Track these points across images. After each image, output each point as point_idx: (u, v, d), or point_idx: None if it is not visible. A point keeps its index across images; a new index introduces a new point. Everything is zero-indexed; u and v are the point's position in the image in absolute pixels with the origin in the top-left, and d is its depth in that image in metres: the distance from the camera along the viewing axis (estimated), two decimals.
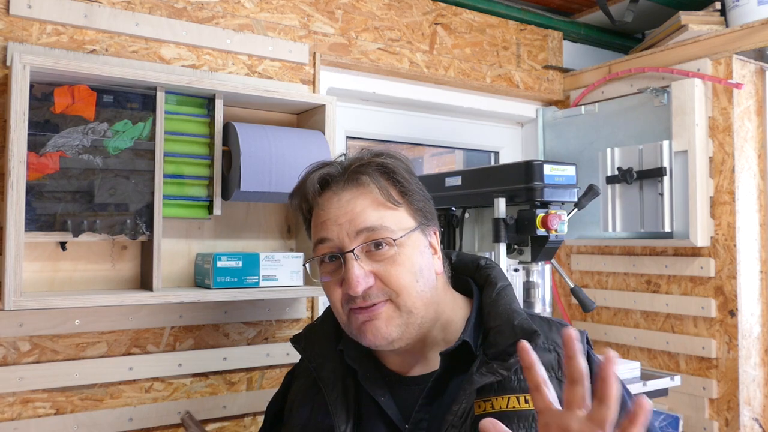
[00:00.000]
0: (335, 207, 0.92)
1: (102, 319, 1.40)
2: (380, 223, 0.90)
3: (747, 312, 1.81)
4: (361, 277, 0.88)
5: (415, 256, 0.91)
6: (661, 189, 1.85)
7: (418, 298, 0.91)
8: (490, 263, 1.04)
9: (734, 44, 1.79)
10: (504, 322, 0.92)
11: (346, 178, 0.93)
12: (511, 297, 0.96)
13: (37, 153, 1.28)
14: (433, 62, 1.95)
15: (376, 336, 0.90)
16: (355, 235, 0.89)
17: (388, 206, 0.92)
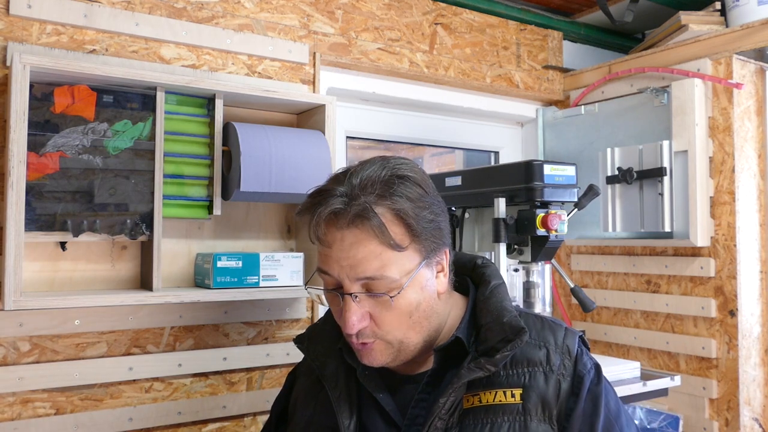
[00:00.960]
0: (337, 248, 0.89)
1: (102, 319, 1.40)
2: (381, 273, 0.88)
3: (747, 312, 1.81)
4: (356, 320, 0.90)
5: (414, 295, 0.91)
6: (661, 189, 1.85)
7: (410, 330, 0.92)
8: (486, 262, 1.05)
9: (734, 44, 1.79)
10: (494, 319, 0.94)
11: (350, 219, 0.88)
12: (502, 295, 0.98)
13: (37, 153, 1.28)
14: (433, 62, 1.95)
15: (372, 362, 0.93)
16: (355, 280, 0.89)
17: (391, 253, 0.89)
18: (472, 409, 0.91)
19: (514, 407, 0.90)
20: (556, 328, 0.98)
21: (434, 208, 0.93)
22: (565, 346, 0.95)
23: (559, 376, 0.92)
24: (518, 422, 0.90)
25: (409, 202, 0.90)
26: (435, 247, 0.94)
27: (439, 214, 0.95)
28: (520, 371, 0.93)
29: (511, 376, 0.93)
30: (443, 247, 0.96)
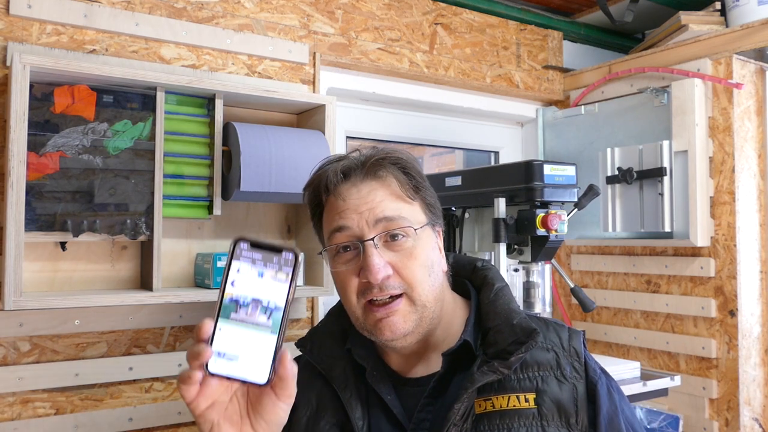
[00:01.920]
0: (355, 197, 0.93)
1: (102, 319, 1.40)
2: (398, 214, 0.92)
3: (747, 312, 1.81)
4: (381, 265, 0.89)
5: (428, 251, 0.94)
6: (661, 189, 1.85)
7: (431, 292, 0.92)
8: (487, 265, 1.05)
9: (734, 44, 1.79)
10: (503, 321, 0.93)
11: (365, 171, 0.94)
12: (509, 297, 0.98)
13: (37, 153, 1.28)
14: (433, 62, 1.95)
15: (394, 332, 0.91)
16: (374, 224, 0.91)
17: (405, 200, 0.94)
18: (485, 414, 0.90)
19: (529, 412, 0.89)
20: (560, 330, 0.97)
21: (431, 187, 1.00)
22: (572, 348, 0.95)
23: (572, 380, 0.92)
24: (535, 427, 0.88)
25: (413, 168, 0.97)
26: (435, 218, 0.98)
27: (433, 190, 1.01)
28: (531, 375, 0.92)
29: (523, 380, 0.91)
30: (440, 222, 1.00)
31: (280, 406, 0.71)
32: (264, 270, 0.67)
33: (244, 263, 0.67)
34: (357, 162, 0.96)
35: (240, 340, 0.67)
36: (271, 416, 0.71)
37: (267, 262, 0.67)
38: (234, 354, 0.66)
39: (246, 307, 0.67)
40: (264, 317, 0.67)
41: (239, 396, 0.72)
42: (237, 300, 0.67)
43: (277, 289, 0.67)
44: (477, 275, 1.04)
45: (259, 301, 0.67)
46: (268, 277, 0.67)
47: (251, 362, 0.67)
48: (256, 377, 0.67)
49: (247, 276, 0.67)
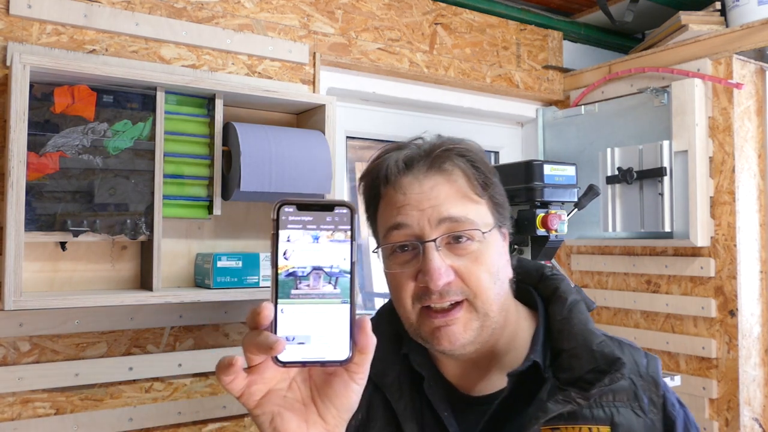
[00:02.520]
0: (417, 192, 0.83)
1: (102, 319, 1.40)
2: (464, 215, 0.82)
3: (747, 312, 1.81)
4: (442, 269, 0.80)
5: (494, 256, 0.84)
6: (661, 189, 1.85)
7: (495, 300, 0.83)
8: (557, 274, 0.94)
9: (734, 44, 1.79)
10: (580, 344, 0.83)
11: (429, 163, 0.85)
12: (585, 316, 0.87)
13: (37, 153, 1.28)
14: (433, 62, 1.95)
15: (453, 342, 0.82)
16: (437, 224, 0.82)
17: (472, 198, 0.84)
18: None
19: None
20: (636, 354, 0.87)
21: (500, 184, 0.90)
22: (650, 377, 0.85)
23: (650, 414, 0.82)
24: None
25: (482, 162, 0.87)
26: (502, 219, 0.88)
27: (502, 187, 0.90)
28: (605, 404, 0.82)
29: (596, 410, 0.81)
30: (507, 224, 0.90)
31: (353, 388, 0.61)
32: (318, 232, 0.59)
33: (293, 230, 0.58)
34: (421, 152, 0.86)
35: (307, 318, 0.58)
36: (343, 401, 0.61)
37: (320, 223, 0.59)
38: (304, 335, 0.58)
39: (306, 279, 0.58)
40: (330, 286, 0.58)
41: (299, 381, 0.62)
42: (294, 273, 0.58)
43: (338, 251, 0.59)
44: (545, 285, 0.93)
45: (320, 269, 0.58)
46: (324, 240, 0.59)
47: (325, 340, 0.58)
48: (334, 355, 0.58)
49: (301, 243, 0.58)
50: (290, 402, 0.61)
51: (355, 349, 0.58)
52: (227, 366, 0.57)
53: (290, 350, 0.57)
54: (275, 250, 0.58)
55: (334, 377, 0.61)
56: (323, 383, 0.62)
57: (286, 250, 0.58)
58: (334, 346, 0.58)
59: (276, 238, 0.58)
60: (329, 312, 0.58)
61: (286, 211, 0.58)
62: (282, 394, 0.61)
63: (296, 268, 0.58)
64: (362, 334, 0.58)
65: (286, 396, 0.61)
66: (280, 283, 0.58)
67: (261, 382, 0.59)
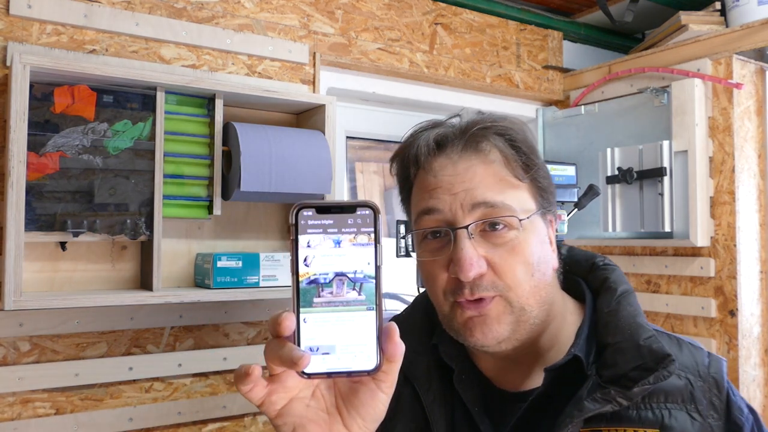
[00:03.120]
0: (450, 174, 0.77)
1: (102, 319, 1.40)
2: (501, 200, 0.75)
3: (747, 312, 1.81)
4: (474, 259, 0.73)
5: (534, 245, 0.77)
6: (661, 189, 1.85)
7: (532, 294, 0.76)
8: (609, 264, 0.86)
9: (734, 44, 1.79)
10: (626, 338, 0.75)
11: (464, 143, 0.78)
12: (635, 307, 0.79)
13: (37, 153, 1.28)
14: (433, 62, 1.95)
15: (486, 335, 0.75)
16: (470, 209, 0.75)
17: (511, 181, 0.77)
18: None
19: None
20: (696, 353, 0.79)
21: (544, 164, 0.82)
22: (711, 378, 0.76)
23: (709, 419, 0.74)
24: None
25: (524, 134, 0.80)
26: (546, 204, 0.80)
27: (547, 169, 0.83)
28: (655, 405, 0.74)
29: (644, 411, 0.73)
30: (552, 210, 0.82)
31: (381, 398, 0.58)
32: (340, 236, 0.56)
33: (313, 234, 0.56)
34: (455, 130, 0.80)
35: (332, 327, 0.55)
36: (369, 410, 0.58)
37: (341, 226, 0.56)
38: (329, 345, 0.55)
39: (329, 285, 0.56)
40: (354, 293, 0.56)
41: (323, 389, 0.59)
42: (316, 280, 0.56)
43: (362, 254, 0.56)
44: (595, 276, 0.85)
45: (343, 275, 0.56)
46: (347, 244, 0.56)
47: (351, 350, 0.56)
48: (361, 365, 0.55)
49: (322, 248, 0.56)
50: (313, 411, 0.58)
51: (383, 358, 0.55)
52: (245, 375, 0.54)
53: (315, 361, 0.55)
54: (295, 257, 0.55)
55: (360, 386, 0.58)
56: (349, 392, 0.59)
57: (306, 256, 0.56)
58: (361, 356, 0.56)
59: (296, 244, 0.55)
60: (354, 320, 0.56)
61: (305, 215, 0.56)
62: (305, 402, 0.58)
63: (318, 275, 0.56)
64: (390, 342, 0.55)
65: (309, 405, 0.58)
66: (301, 292, 0.55)
67: (282, 391, 0.57)
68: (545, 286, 0.78)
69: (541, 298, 0.77)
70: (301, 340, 0.55)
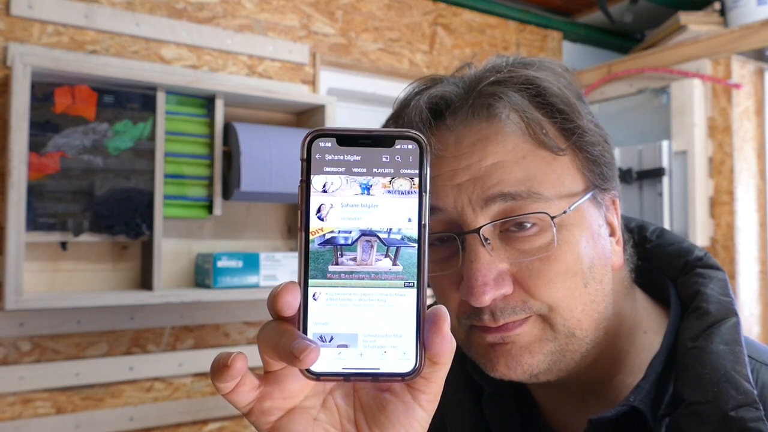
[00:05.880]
0: (452, 155, 0.55)
1: (102, 318, 1.41)
2: (527, 188, 0.53)
3: (746, 312, 1.81)
4: (490, 277, 0.52)
5: (583, 245, 0.54)
6: (661, 189, 1.85)
7: (586, 313, 0.55)
8: (709, 265, 0.60)
9: (733, 44, 1.79)
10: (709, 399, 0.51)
11: (470, 107, 0.56)
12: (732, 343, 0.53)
13: (38, 153, 1.28)
14: (433, 62, 1.96)
15: (512, 369, 0.55)
16: (483, 204, 0.53)
17: (541, 157, 0.54)
18: None
19: None
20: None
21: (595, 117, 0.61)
22: None
23: None
24: None
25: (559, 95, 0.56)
26: (603, 179, 0.58)
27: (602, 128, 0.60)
28: None
29: None
30: (612, 185, 0.59)
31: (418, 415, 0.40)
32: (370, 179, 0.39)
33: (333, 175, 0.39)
34: (458, 89, 0.58)
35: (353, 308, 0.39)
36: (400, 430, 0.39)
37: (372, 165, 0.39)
38: (348, 334, 0.38)
39: (352, 249, 0.39)
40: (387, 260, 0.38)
41: (338, 398, 0.42)
42: (334, 240, 0.38)
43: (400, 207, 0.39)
44: (687, 282, 0.60)
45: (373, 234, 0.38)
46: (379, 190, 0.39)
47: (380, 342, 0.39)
48: (393, 366, 0.38)
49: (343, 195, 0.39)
50: (323, 428, 0.40)
51: (425, 357, 0.38)
52: (222, 368, 0.37)
53: (327, 356, 0.38)
54: (305, 206, 0.38)
55: (391, 396, 0.40)
56: (374, 404, 0.41)
57: (321, 205, 0.38)
58: (393, 352, 0.38)
59: (306, 188, 0.38)
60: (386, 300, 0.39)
61: (322, 147, 0.39)
62: (311, 415, 0.41)
63: (337, 233, 0.38)
64: (436, 333, 0.37)
65: (317, 419, 0.41)
66: (311, 256, 0.38)
67: (280, 397, 0.39)
68: (603, 297, 0.56)
69: (599, 315, 0.56)
70: (308, 325, 0.38)
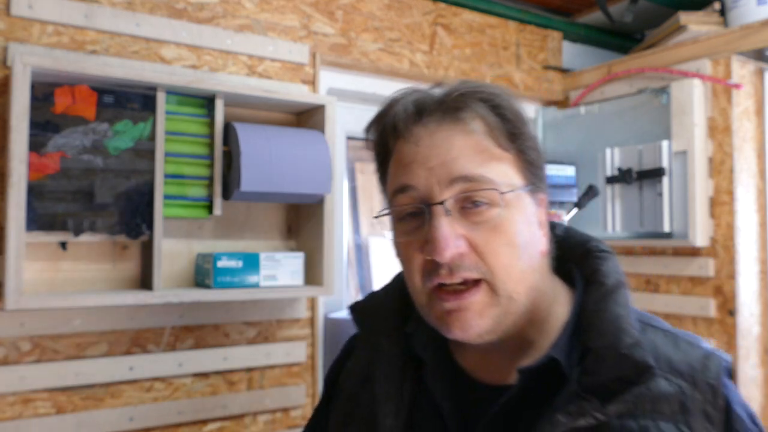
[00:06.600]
0: (426, 146, 0.70)
1: (103, 318, 1.41)
2: (482, 173, 0.69)
3: (746, 312, 1.81)
4: (450, 238, 0.67)
5: (521, 225, 0.70)
6: (661, 189, 1.85)
7: (521, 280, 0.70)
8: (604, 250, 0.78)
9: (733, 44, 1.79)
10: (608, 344, 0.67)
11: (443, 111, 0.72)
12: (622, 307, 0.73)
13: (38, 153, 1.28)
14: (433, 62, 1.96)
15: (466, 330, 0.69)
16: (448, 184, 0.69)
17: (494, 153, 0.70)
18: None
19: None
20: (692, 353, 0.70)
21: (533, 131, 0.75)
22: (707, 384, 0.67)
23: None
24: None
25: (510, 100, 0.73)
26: (535, 180, 0.73)
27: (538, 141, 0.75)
28: (640, 416, 0.65)
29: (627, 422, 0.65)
30: (543, 188, 0.75)
31: None
32: None
33: None
34: (432, 98, 0.73)
35: None
36: None
37: None
38: None
39: None
40: None
41: None
42: None
43: None
44: (587, 264, 0.77)
45: None
46: None
47: None
48: None
49: None
50: None
51: None
52: None
53: None
54: None
55: None
56: None
57: None
58: None
59: None
60: None
61: None
62: None
63: None
64: None
65: None
66: None
67: None
68: (534, 270, 0.72)
69: (529, 285, 0.71)
70: None
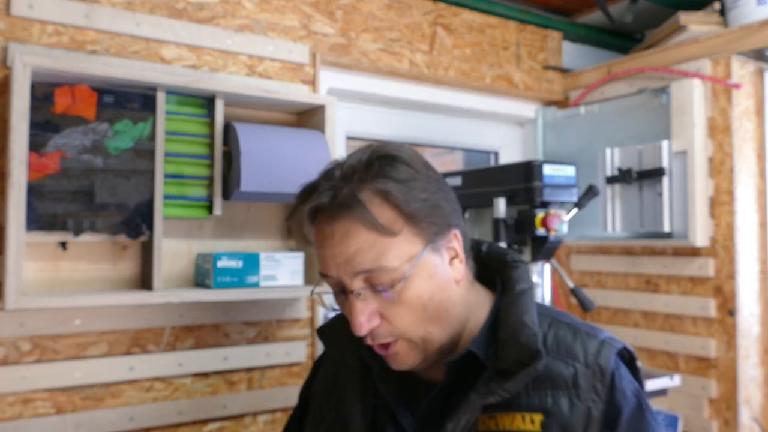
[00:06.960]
0: (329, 245, 0.82)
1: (102, 318, 1.41)
2: (378, 264, 0.80)
3: (746, 312, 1.81)
4: (364, 320, 0.81)
5: (424, 285, 0.83)
6: (661, 189, 1.85)
7: (431, 323, 0.84)
8: (516, 261, 0.93)
9: (733, 45, 1.79)
10: (511, 336, 0.84)
11: (333, 210, 0.81)
12: (525, 305, 0.87)
13: (38, 153, 1.28)
14: (433, 62, 1.96)
15: (402, 365, 0.86)
16: (353, 276, 0.81)
17: (386, 240, 0.80)
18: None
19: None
20: (588, 341, 0.86)
21: (429, 186, 0.84)
22: (597, 365, 0.83)
23: (588, 402, 0.81)
24: None
25: (395, 183, 0.81)
26: (438, 230, 0.84)
27: (435, 192, 0.85)
28: (542, 393, 0.82)
29: (532, 398, 0.82)
30: (449, 229, 0.86)
31: None
32: None
33: None
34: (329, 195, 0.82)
35: None
36: None
37: None
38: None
39: None
40: None
41: None
42: None
43: None
44: (504, 272, 0.92)
45: None
46: None
47: None
48: None
49: None
50: None
51: None
52: None
53: None
54: None
55: None
56: None
57: None
58: None
59: None
60: None
61: None
62: None
63: None
64: None
65: None
66: None
67: None
68: (446, 307, 0.84)
69: (443, 320, 0.84)
70: None
